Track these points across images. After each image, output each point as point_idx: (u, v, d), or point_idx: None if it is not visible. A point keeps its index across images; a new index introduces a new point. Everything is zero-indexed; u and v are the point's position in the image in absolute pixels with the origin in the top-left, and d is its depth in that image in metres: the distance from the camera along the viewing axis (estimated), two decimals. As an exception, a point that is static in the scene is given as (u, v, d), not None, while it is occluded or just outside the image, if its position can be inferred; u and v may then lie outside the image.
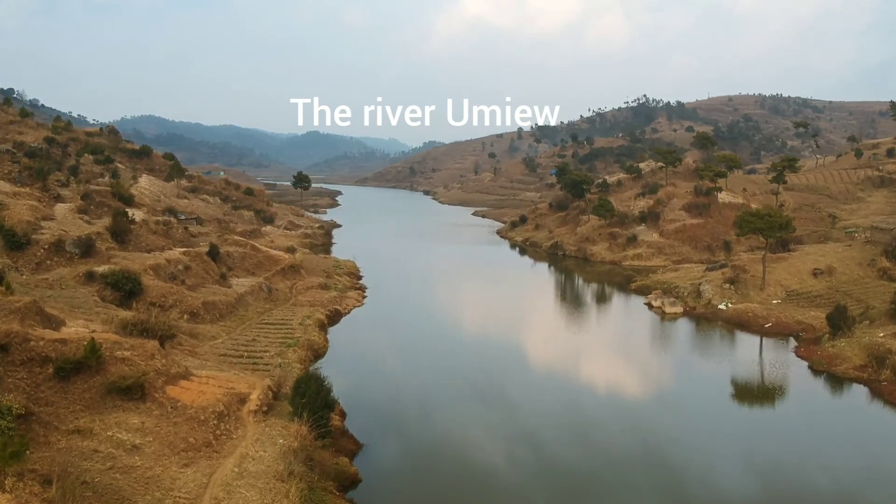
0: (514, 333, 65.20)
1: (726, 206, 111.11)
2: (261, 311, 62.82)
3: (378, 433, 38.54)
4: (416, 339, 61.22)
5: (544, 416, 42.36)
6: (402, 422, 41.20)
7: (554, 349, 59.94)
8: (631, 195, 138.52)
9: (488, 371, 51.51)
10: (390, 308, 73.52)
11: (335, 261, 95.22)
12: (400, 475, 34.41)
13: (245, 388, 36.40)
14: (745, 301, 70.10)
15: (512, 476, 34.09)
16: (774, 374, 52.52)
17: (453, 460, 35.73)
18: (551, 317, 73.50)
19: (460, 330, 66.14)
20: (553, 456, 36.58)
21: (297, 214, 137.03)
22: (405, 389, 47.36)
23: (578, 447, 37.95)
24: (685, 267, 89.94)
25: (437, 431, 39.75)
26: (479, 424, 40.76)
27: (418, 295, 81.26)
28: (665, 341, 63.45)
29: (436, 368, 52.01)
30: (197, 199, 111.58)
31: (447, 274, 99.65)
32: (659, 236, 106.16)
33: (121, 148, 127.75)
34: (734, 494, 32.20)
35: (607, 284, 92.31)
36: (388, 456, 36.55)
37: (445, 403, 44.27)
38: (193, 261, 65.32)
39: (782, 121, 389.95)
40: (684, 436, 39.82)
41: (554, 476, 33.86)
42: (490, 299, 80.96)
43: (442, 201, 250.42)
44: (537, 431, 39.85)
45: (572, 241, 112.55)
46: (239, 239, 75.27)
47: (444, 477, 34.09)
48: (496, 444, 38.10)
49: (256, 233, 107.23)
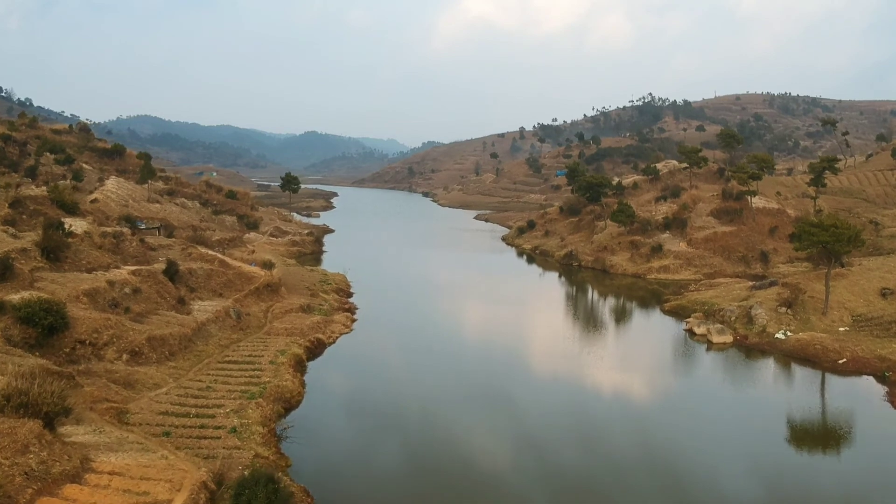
0: (535, 379, 52.24)
1: (760, 212, 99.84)
2: (225, 345, 51.54)
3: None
4: (411, 381, 49.61)
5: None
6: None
7: (583, 401, 47.54)
8: (649, 199, 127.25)
9: (504, 436, 39.86)
10: (383, 335, 62.19)
11: (323, 274, 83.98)
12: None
13: (165, 491, 25.05)
14: (806, 328, 58.88)
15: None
16: (871, 434, 41.14)
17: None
18: (576, 351, 61.06)
19: (465, 367, 54.02)
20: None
21: (285, 219, 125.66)
22: (394, 463, 36.04)
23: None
24: (723, 283, 78.66)
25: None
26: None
27: (415, 318, 69.77)
28: (721, 383, 51.97)
29: (433, 429, 40.49)
30: (171, 204, 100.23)
31: (449, 290, 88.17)
32: (687, 246, 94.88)
33: (90, 147, 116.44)
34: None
35: (635, 303, 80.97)
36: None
37: (446, 486, 32.82)
38: (145, 282, 54.06)
39: (792, 120, 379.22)
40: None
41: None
42: (500, 326, 69.32)
43: (441, 203, 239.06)
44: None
45: (588, 251, 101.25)
46: (206, 253, 63.96)
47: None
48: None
49: (236, 241, 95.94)
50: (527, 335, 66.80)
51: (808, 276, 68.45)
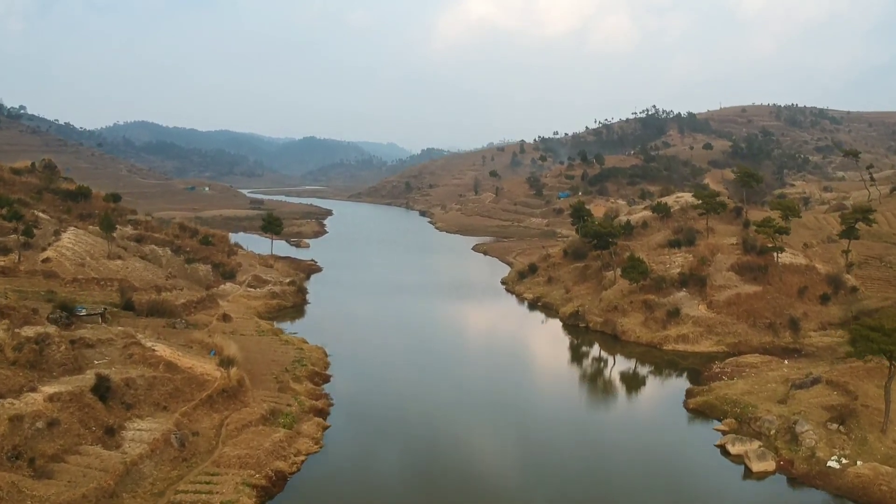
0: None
1: (787, 269, 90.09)
2: (158, 491, 41.92)
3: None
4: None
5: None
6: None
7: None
8: (660, 240, 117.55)
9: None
10: (358, 451, 52.43)
11: (298, 349, 74.24)
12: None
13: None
14: (864, 451, 49.23)
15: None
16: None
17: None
18: (575, 478, 51.96)
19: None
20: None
21: (266, 264, 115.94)
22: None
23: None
24: (752, 364, 69.08)
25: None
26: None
27: (401, 415, 59.90)
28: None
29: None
30: (135, 259, 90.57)
31: (444, 362, 78.14)
32: (706, 309, 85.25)
33: (53, 189, 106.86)
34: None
35: (651, 387, 71.46)
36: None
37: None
38: (66, 408, 44.41)
39: (800, 133, 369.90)
40: None
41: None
42: (509, 435, 59.72)
43: (439, 227, 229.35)
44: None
45: (597, 310, 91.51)
46: (151, 354, 54.20)
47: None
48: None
49: (205, 303, 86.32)
50: (522, 452, 56.86)
51: (857, 373, 58.77)
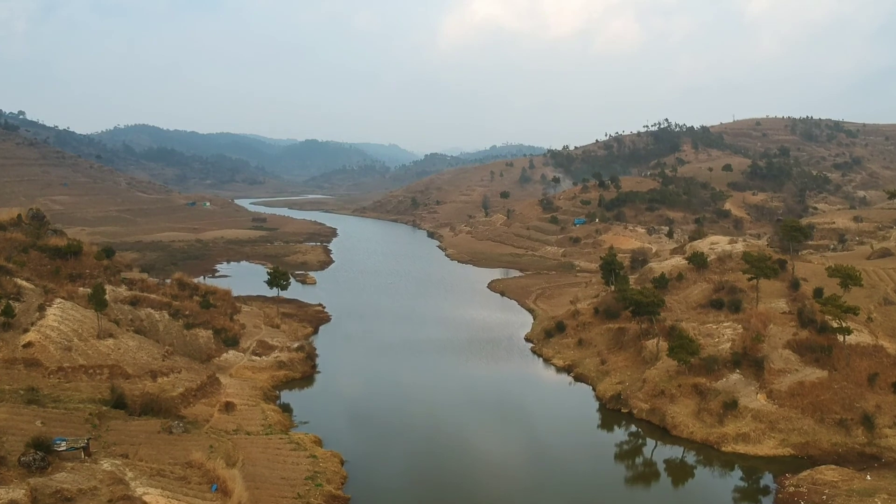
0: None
1: (853, 351, 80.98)
2: None
3: None
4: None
5: None
6: None
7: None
8: (700, 298, 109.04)
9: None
10: None
11: (310, 458, 65.16)
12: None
13: None
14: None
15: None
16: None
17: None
18: None
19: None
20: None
21: (272, 324, 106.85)
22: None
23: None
24: (833, 485, 60.02)
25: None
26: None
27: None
28: None
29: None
30: (128, 337, 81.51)
31: (475, 471, 69.24)
32: (766, 399, 76.20)
33: (41, 246, 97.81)
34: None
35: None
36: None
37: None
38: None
39: (816, 148, 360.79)
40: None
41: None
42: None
43: (450, 254, 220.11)
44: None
45: (641, 394, 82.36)
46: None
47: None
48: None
49: (206, 389, 77.45)
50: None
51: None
